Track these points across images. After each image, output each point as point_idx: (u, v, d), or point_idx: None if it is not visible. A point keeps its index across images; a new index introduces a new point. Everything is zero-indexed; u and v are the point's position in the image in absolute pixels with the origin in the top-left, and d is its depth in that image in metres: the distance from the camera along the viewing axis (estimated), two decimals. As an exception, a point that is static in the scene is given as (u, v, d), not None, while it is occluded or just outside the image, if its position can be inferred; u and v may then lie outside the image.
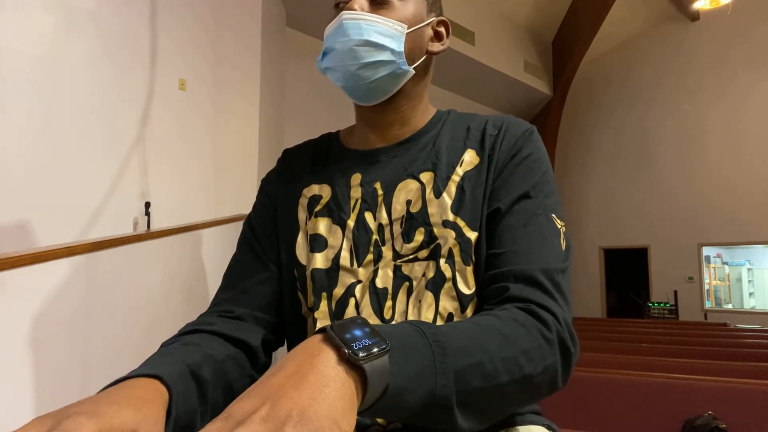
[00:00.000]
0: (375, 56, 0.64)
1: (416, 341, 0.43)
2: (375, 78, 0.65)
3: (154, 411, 0.42)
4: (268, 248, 0.72)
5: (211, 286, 3.08)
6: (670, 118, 8.81)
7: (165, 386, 0.47)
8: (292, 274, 0.69)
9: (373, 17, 0.64)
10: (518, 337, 0.50)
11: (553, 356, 0.52)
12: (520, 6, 7.76)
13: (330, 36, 0.65)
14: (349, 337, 0.38)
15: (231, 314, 0.67)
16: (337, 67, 0.65)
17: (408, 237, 0.64)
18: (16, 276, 1.77)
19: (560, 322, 0.54)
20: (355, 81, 0.65)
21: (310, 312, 0.66)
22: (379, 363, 0.38)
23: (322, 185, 0.71)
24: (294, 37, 5.43)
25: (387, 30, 0.64)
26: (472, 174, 0.66)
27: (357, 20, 0.63)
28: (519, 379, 0.48)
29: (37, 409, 1.79)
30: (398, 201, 0.66)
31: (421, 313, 0.62)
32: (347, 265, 0.65)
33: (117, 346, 2.24)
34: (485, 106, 8.37)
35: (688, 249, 8.50)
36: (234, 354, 0.63)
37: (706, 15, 8.38)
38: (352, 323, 0.40)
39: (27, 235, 2.91)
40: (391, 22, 0.64)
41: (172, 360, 0.53)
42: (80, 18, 3.29)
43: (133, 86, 3.65)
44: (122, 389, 0.43)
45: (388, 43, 0.64)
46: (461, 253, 0.62)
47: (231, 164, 4.21)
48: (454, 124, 0.72)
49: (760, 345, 3.59)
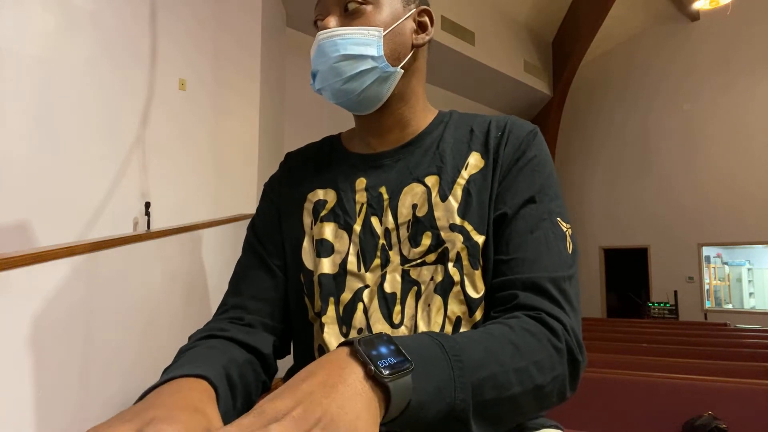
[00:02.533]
0: (356, 67, 0.64)
1: (436, 356, 0.45)
2: (363, 88, 0.65)
3: (214, 413, 0.43)
4: (273, 254, 0.72)
5: (210, 286, 3.08)
6: (670, 118, 8.81)
7: (213, 387, 0.48)
8: (298, 280, 0.69)
9: (346, 30, 0.64)
10: (530, 347, 0.52)
11: (561, 366, 0.54)
12: (520, 6, 7.76)
13: (313, 59, 0.67)
14: (375, 354, 0.40)
15: (242, 321, 0.67)
16: (325, 86, 0.66)
17: (415, 241, 0.64)
18: (16, 276, 1.77)
19: (569, 332, 0.55)
20: (344, 96, 0.66)
21: (317, 317, 0.66)
22: (402, 381, 0.40)
23: (326, 190, 0.71)
24: (294, 37, 5.43)
25: (362, 39, 0.64)
26: (478, 177, 0.66)
27: (331, 38, 0.64)
28: (531, 389, 0.50)
29: (37, 409, 1.79)
30: (404, 205, 0.66)
31: (431, 317, 0.62)
32: (355, 269, 0.65)
33: (117, 346, 2.24)
34: (485, 106, 8.37)
35: (688, 249, 8.51)
36: (250, 360, 0.63)
37: (706, 15, 8.38)
38: (378, 339, 0.42)
39: (27, 235, 2.91)
40: (364, 29, 0.64)
41: (210, 362, 0.54)
42: (80, 18, 3.29)
43: (134, 86, 3.65)
44: (181, 391, 0.44)
45: (366, 51, 0.64)
46: (469, 256, 0.62)
47: (231, 164, 4.21)
48: (456, 125, 0.71)
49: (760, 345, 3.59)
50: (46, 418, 1.82)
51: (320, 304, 0.66)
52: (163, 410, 0.39)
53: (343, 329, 0.64)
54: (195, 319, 2.80)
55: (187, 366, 0.50)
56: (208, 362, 0.54)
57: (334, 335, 0.64)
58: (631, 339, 4.11)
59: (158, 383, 0.46)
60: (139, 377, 2.31)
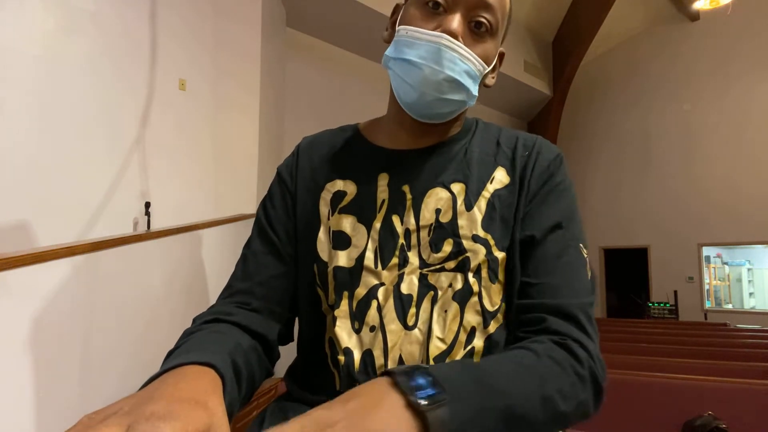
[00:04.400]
0: (454, 95, 0.63)
1: (469, 385, 0.47)
2: (444, 111, 0.65)
3: (219, 404, 0.42)
4: (285, 241, 0.71)
5: (210, 286, 3.08)
6: (671, 118, 8.81)
7: (219, 375, 0.48)
8: (311, 270, 0.68)
9: (468, 53, 0.62)
10: (554, 376, 0.53)
11: (585, 393, 0.55)
12: (520, 6, 7.76)
13: (419, 48, 0.62)
14: (414, 385, 0.43)
15: (248, 306, 0.67)
16: (414, 85, 0.63)
17: (436, 246, 0.64)
18: (16, 276, 1.77)
19: (593, 358, 0.57)
20: (426, 108, 0.65)
21: (331, 310, 0.66)
22: (439, 412, 0.42)
23: (346, 181, 0.69)
24: (294, 36, 5.43)
25: (473, 70, 0.63)
26: (503, 193, 0.66)
27: (456, 51, 0.61)
28: (552, 416, 0.52)
29: (37, 409, 1.79)
30: (427, 208, 0.65)
31: (446, 324, 0.62)
32: (371, 266, 0.65)
33: (117, 346, 2.24)
34: (485, 106, 8.37)
35: (688, 249, 8.50)
36: (255, 346, 0.63)
37: (706, 15, 8.37)
38: (417, 371, 0.45)
39: (27, 235, 2.91)
40: (478, 61, 0.64)
41: (216, 348, 0.53)
42: (80, 18, 3.29)
43: (134, 86, 3.65)
44: (184, 381, 0.43)
45: (470, 84, 0.63)
46: (489, 270, 0.63)
47: (231, 164, 4.21)
48: (483, 135, 0.71)
49: (760, 345, 3.59)
50: (46, 417, 1.82)
51: (334, 297, 0.65)
52: (163, 404, 0.38)
53: (356, 325, 0.64)
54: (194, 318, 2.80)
55: (193, 352, 0.49)
56: (214, 348, 0.53)
57: (345, 330, 0.64)
58: (631, 339, 4.11)
59: (164, 369, 0.46)
60: (138, 377, 2.31)
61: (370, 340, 0.63)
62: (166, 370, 0.46)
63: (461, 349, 0.62)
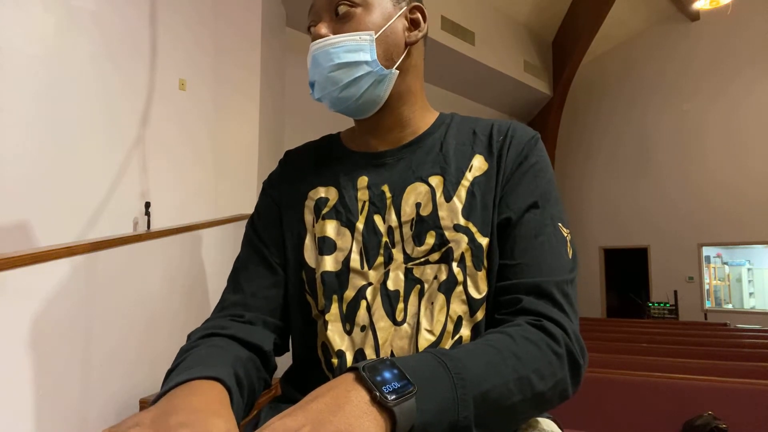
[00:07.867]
0: (352, 74, 0.64)
1: (439, 376, 0.46)
2: (360, 93, 0.65)
3: (231, 417, 0.44)
4: (273, 251, 0.72)
5: (210, 286, 3.08)
6: (671, 118, 8.81)
7: (226, 389, 0.49)
8: (300, 277, 0.69)
9: (338, 38, 0.64)
10: (530, 356, 0.53)
11: (562, 371, 0.55)
12: (520, 6, 7.76)
13: (309, 69, 0.67)
14: (380, 380, 0.42)
15: (242, 318, 0.67)
16: (323, 96, 0.67)
17: (419, 240, 0.64)
18: (16, 276, 1.77)
19: (569, 336, 0.57)
20: (343, 103, 0.66)
21: (321, 315, 0.66)
22: (407, 405, 0.41)
23: (328, 188, 0.71)
24: (294, 37, 5.43)
25: (354, 45, 0.64)
26: (482, 180, 0.66)
27: (324, 47, 0.64)
28: (531, 397, 0.52)
29: (38, 410, 1.79)
30: (407, 204, 0.66)
31: (434, 316, 0.62)
32: (358, 267, 0.65)
33: (117, 346, 2.24)
34: (485, 106, 8.37)
35: (688, 249, 8.51)
36: (252, 357, 0.63)
37: (706, 15, 8.38)
38: (381, 365, 0.44)
39: (27, 235, 2.91)
40: (356, 35, 0.64)
41: (218, 362, 0.54)
42: (81, 17, 3.29)
43: (134, 86, 3.65)
44: (195, 395, 0.45)
45: (360, 56, 0.64)
46: (473, 258, 0.63)
47: (231, 164, 4.21)
48: (458, 127, 0.72)
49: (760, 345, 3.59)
50: (46, 418, 1.82)
51: (324, 301, 0.66)
52: (185, 414, 0.39)
53: (347, 326, 0.64)
54: (195, 319, 2.80)
55: (197, 368, 0.50)
56: (216, 362, 0.54)
57: (337, 333, 0.65)
58: (631, 339, 4.11)
59: (173, 385, 0.46)
60: (138, 377, 2.31)
61: (361, 340, 0.63)
62: (176, 384, 0.46)
63: (449, 339, 0.62)
